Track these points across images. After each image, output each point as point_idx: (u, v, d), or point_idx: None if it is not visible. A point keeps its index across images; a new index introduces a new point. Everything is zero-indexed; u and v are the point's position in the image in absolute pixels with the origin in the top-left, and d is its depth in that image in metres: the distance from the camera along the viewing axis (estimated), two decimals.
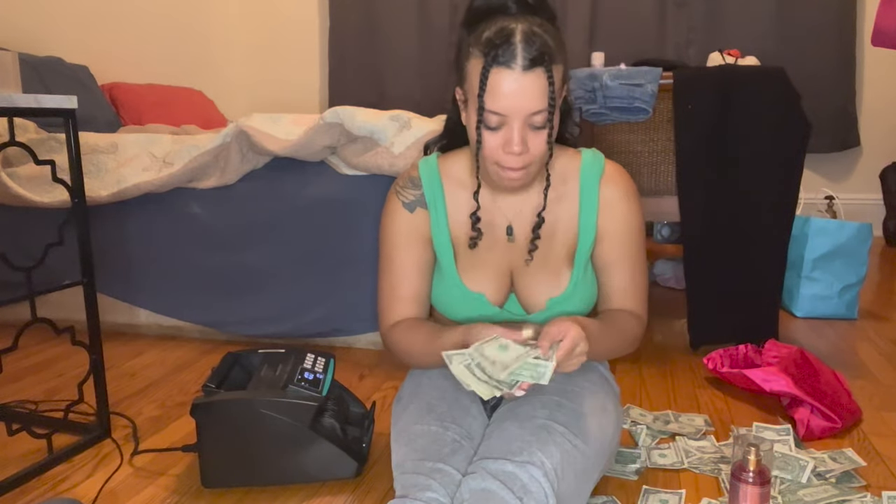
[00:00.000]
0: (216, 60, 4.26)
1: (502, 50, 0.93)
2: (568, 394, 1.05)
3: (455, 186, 1.13)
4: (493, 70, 0.94)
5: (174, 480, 1.25)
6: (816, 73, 3.63)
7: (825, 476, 1.20)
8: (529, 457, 0.90)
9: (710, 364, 1.68)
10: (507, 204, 1.12)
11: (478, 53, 0.96)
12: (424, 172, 1.14)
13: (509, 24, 0.95)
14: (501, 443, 0.95)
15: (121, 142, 2.12)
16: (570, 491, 0.94)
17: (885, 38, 1.92)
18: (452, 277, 1.12)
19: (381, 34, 4.25)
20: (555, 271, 1.11)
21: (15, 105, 1.19)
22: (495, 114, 0.96)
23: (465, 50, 1.00)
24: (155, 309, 2.10)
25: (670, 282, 2.67)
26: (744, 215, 1.80)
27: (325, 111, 1.84)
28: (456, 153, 1.16)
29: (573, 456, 0.95)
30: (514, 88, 0.94)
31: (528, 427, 0.96)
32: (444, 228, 1.13)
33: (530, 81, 0.94)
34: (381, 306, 1.16)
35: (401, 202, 1.14)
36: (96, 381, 1.38)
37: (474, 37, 0.98)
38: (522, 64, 0.93)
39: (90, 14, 3.24)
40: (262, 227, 1.94)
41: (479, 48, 0.96)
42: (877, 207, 3.70)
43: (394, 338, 1.13)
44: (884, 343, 1.99)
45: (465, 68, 0.99)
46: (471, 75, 0.98)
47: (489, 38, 0.95)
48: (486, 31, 0.96)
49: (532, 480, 0.88)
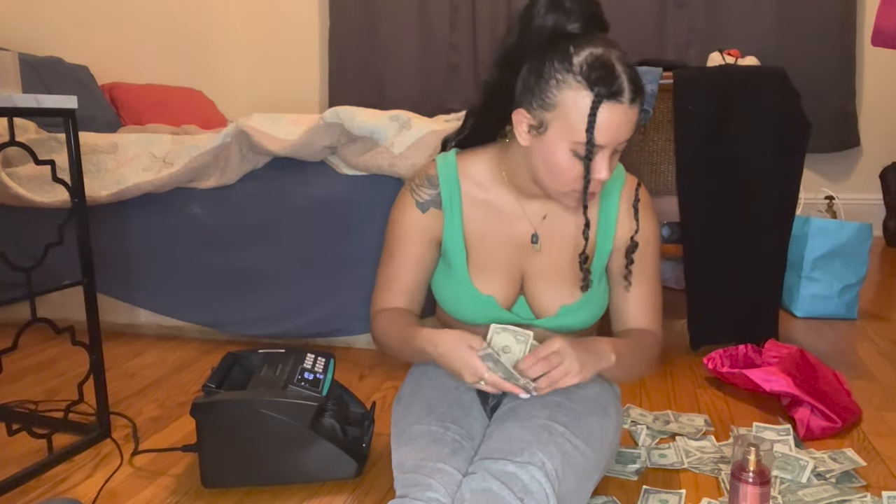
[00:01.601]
0: (216, 60, 4.26)
1: (609, 84, 0.91)
2: (569, 394, 1.05)
3: (473, 187, 1.13)
4: (603, 105, 0.92)
5: (174, 480, 1.25)
6: (816, 73, 3.63)
7: (825, 476, 1.20)
8: (530, 457, 0.90)
9: (710, 364, 1.68)
10: (532, 209, 1.12)
11: (577, 85, 0.92)
12: (442, 171, 1.13)
13: (601, 51, 0.93)
14: (502, 443, 0.95)
15: (121, 142, 2.12)
16: (571, 491, 0.94)
17: (885, 38, 1.92)
18: (463, 279, 1.12)
19: (381, 34, 4.24)
20: (569, 279, 1.12)
21: (15, 105, 1.19)
22: (598, 146, 0.95)
23: (548, 76, 0.94)
24: (155, 309, 2.10)
25: (670, 282, 2.67)
26: (744, 215, 1.80)
27: (325, 111, 1.84)
28: (476, 152, 1.15)
29: (574, 456, 0.95)
30: (621, 122, 0.94)
31: (529, 427, 0.97)
32: (458, 229, 1.12)
33: (634, 113, 0.95)
34: (375, 292, 1.18)
35: (414, 200, 1.13)
36: (96, 381, 1.38)
37: (561, 63, 0.93)
38: (629, 98, 0.93)
39: (90, 14, 3.24)
40: (262, 227, 1.94)
41: (576, 79, 0.92)
42: (877, 207, 3.70)
43: (377, 323, 1.15)
44: (884, 343, 1.99)
45: (552, 97, 0.94)
46: (566, 106, 0.94)
47: (590, 69, 0.91)
48: (574, 57, 0.93)
49: (533, 481, 0.88)
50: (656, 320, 1.16)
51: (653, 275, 1.15)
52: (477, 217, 1.12)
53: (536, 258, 1.12)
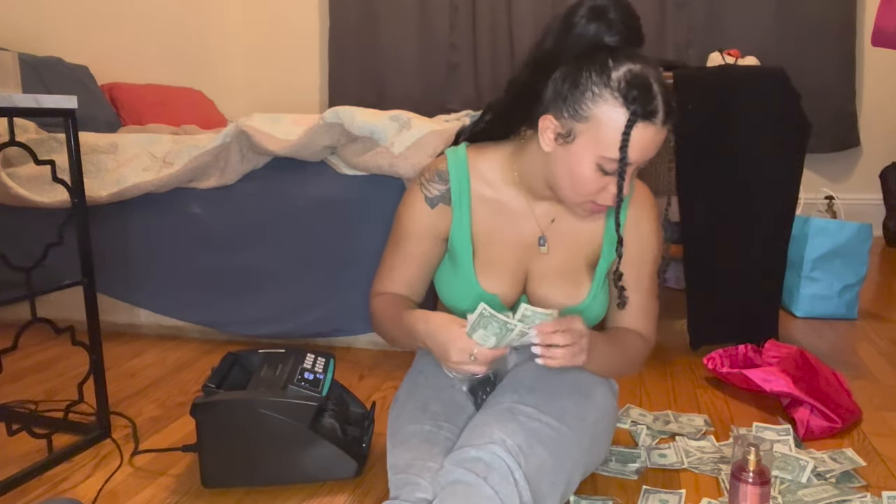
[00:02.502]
0: (216, 60, 4.26)
1: (646, 104, 0.91)
2: (544, 379, 1.05)
3: (482, 185, 1.12)
4: (638, 124, 0.92)
5: (174, 480, 1.25)
6: (816, 73, 3.63)
7: (825, 476, 1.20)
8: (489, 437, 0.91)
9: (710, 364, 1.68)
10: (541, 211, 1.12)
11: (613, 101, 0.92)
12: (453, 166, 1.12)
13: (639, 68, 0.93)
14: (467, 433, 0.96)
15: (121, 142, 2.12)
16: (548, 466, 0.93)
17: (885, 38, 1.92)
18: (468, 276, 1.12)
19: (381, 34, 4.24)
20: (574, 280, 1.12)
21: (15, 105, 1.19)
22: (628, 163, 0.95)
23: (584, 88, 0.94)
24: (155, 309, 2.10)
25: (670, 282, 2.67)
26: (744, 215, 1.80)
27: (325, 111, 1.84)
28: (487, 149, 1.14)
29: (542, 432, 0.95)
30: (652, 142, 0.95)
31: (492, 413, 0.98)
32: (465, 226, 1.12)
33: (664, 134, 0.96)
34: (377, 276, 1.19)
35: (423, 195, 1.13)
36: (96, 381, 1.38)
37: (599, 77, 0.93)
38: (662, 119, 0.94)
39: (90, 14, 3.24)
40: (262, 228, 1.94)
41: (613, 94, 0.92)
42: (877, 207, 3.70)
43: (375, 304, 1.16)
44: (884, 343, 1.99)
45: (586, 109, 0.94)
46: (600, 121, 0.93)
47: (629, 87, 0.91)
48: (613, 72, 0.92)
49: (494, 458, 0.89)
50: (649, 327, 1.17)
51: (650, 285, 1.16)
52: (485, 215, 1.12)
53: (542, 259, 1.12)
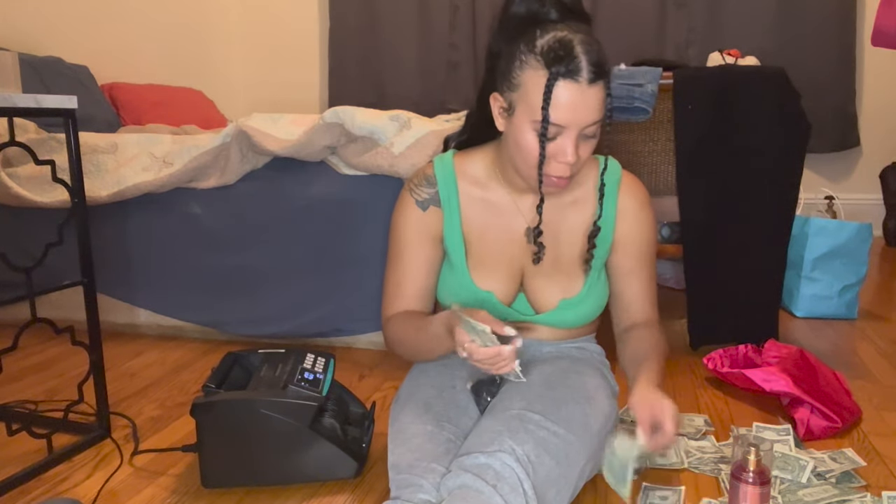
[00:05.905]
0: (216, 60, 4.26)
1: (567, 63, 0.92)
2: (551, 385, 1.05)
3: (470, 185, 1.14)
4: (558, 83, 0.93)
5: (174, 480, 1.25)
6: (816, 73, 3.63)
7: (825, 476, 1.20)
8: (500, 445, 0.91)
9: (710, 364, 1.68)
10: (527, 204, 1.13)
11: (536, 64, 0.94)
12: (439, 170, 1.14)
13: (564, 34, 0.94)
14: (475, 438, 0.96)
15: (121, 142, 2.12)
16: (554, 476, 0.93)
17: (885, 38, 1.92)
18: (463, 276, 1.13)
19: (381, 34, 4.24)
20: (568, 273, 1.12)
21: (15, 105, 1.19)
22: (555, 125, 0.96)
23: (514, 58, 0.97)
24: (155, 309, 2.10)
25: (670, 282, 2.67)
26: (744, 215, 1.80)
27: (325, 111, 1.84)
28: (473, 152, 1.16)
29: (550, 441, 0.95)
30: (578, 101, 0.94)
31: (501, 419, 0.98)
32: (456, 227, 1.13)
33: (593, 94, 0.95)
34: (384, 299, 1.18)
35: (414, 200, 1.14)
36: (96, 381, 1.38)
37: (526, 45, 0.96)
38: (588, 77, 0.93)
39: (90, 14, 3.24)
40: (262, 227, 1.94)
41: (536, 58, 0.94)
42: (877, 207, 3.70)
43: (390, 328, 1.15)
44: (884, 343, 1.99)
45: (517, 77, 0.97)
46: (527, 86, 0.96)
47: (549, 50, 0.93)
48: (538, 39, 0.95)
49: (504, 467, 0.89)
50: (655, 311, 1.20)
51: (651, 268, 1.18)
52: (475, 214, 1.13)
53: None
